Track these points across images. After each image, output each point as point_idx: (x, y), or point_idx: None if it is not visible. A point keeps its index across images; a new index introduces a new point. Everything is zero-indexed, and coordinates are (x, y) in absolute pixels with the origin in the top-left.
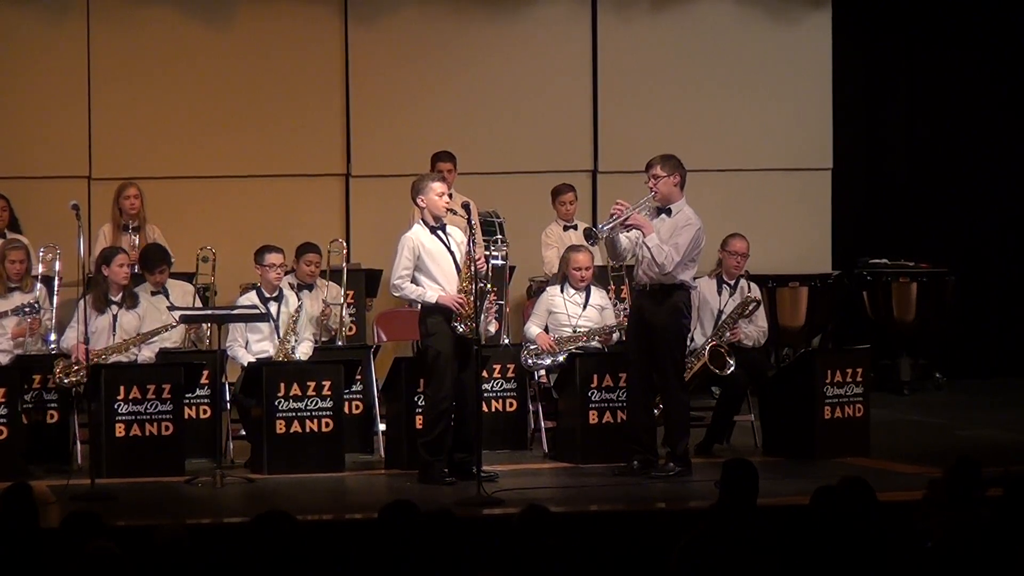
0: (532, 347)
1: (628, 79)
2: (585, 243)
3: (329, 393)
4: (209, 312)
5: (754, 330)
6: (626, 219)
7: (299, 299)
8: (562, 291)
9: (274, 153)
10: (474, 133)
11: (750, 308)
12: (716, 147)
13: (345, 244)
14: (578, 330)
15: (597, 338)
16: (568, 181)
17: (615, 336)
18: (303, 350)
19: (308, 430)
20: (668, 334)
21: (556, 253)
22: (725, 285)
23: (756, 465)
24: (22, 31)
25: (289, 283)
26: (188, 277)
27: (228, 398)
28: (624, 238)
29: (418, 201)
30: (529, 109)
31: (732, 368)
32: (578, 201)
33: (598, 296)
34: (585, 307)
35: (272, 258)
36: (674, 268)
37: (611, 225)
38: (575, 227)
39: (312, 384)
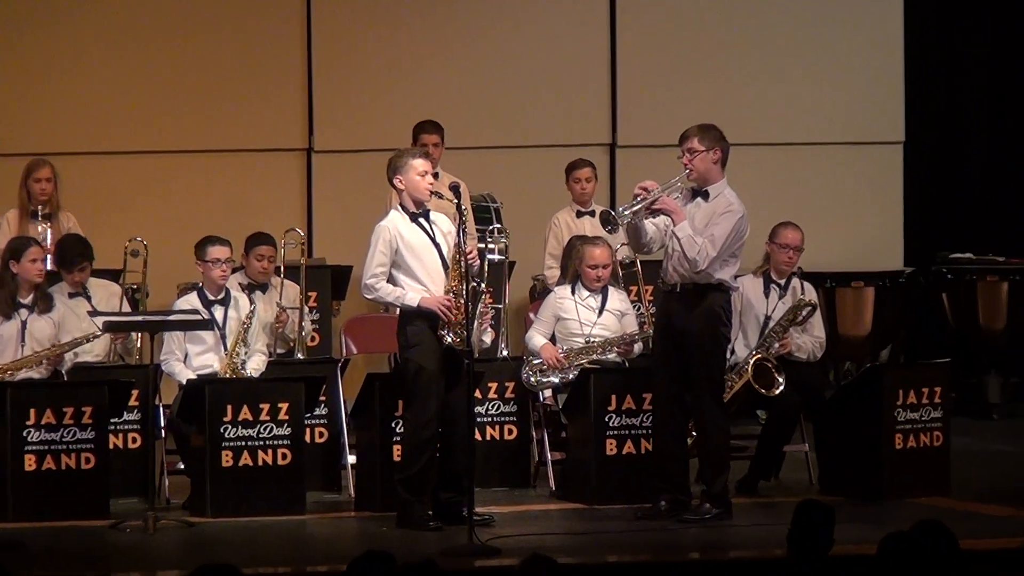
0: (536, 361)
1: (653, 36)
2: (601, 233)
3: (287, 418)
4: (140, 318)
5: (809, 340)
6: (653, 202)
7: (252, 301)
8: (573, 292)
9: (219, 123)
10: (466, 100)
11: (804, 313)
12: (760, 117)
13: (305, 235)
14: (592, 340)
15: (615, 349)
16: (582, 156)
17: (638, 347)
18: (254, 365)
19: (261, 463)
20: (703, 345)
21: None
22: (774, 285)
23: None
24: None
25: (238, 283)
26: (114, 275)
27: (163, 423)
28: (650, 225)
29: (396, 182)
30: (534, 71)
31: (782, 387)
32: (597, 180)
33: (617, 299)
34: (601, 312)
35: (216, 252)
36: (710, 264)
37: (634, 209)
38: (591, 213)
39: (266, 407)
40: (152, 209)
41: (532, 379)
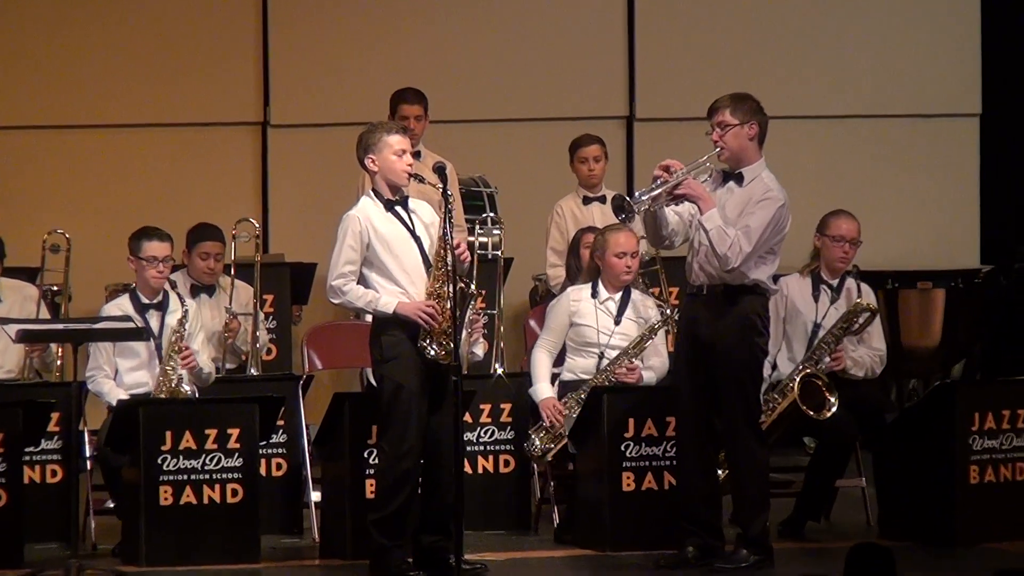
0: (542, 426)
1: None
2: (614, 223)
3: (238, 446)
4: (61, 327)
5: (866, 353)
6: (676, 186)
7: (184, 306)
8: (594, 294)
9: (158, 93)
10: (454, 64)
11: (861, 320)
12: (805, 84)
13: (260, 226)
14: (606, 355)
15: (618, 374)
16: (593, 131)
17: (648, 375)
18: (202, 361)
19: (207, 501)
20: (735, 359)
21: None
22: (824, 287)
23: None
24: None
25: (180, 283)
26: (30, 275)
27: (88, 453)
28: (671, 213)
29: (368, 163)
30: (536, 31)
31: (834, 409)
32: (608, 160)
33: (640, 304)
34: (619, 319)
35: (153, 248)
36: (744, 262)
37: (653, 194)
38: (601, 199)
39: (213, 432)
40: (76, 195)
41: (534, 449)
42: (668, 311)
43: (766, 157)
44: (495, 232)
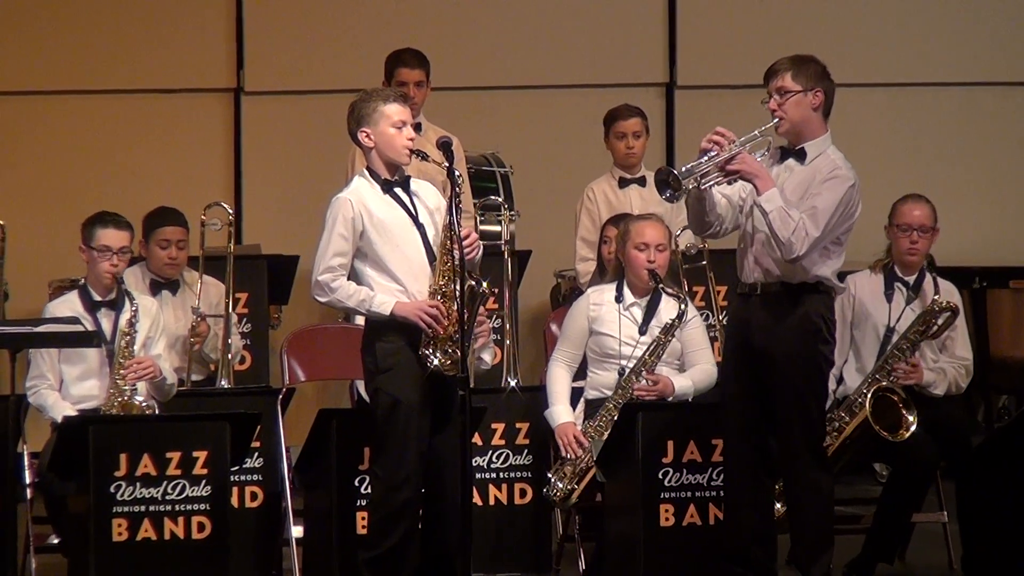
0: (565, 461)
1: None
2: (654, 209)
3: (205, 471)
4: None
5: (949, 364)
6: (729, 160)
7: (133, 303)
8: (619, 296)
9: (113, 53)
10: (463, 21)
11: (940, 322)
12: (874, 47)
13: (234, 211)
14: (627, 370)
15: (637, 389)
16: (629, 101)
17: (682, 384)
18: (165, 367)
19: (168, 536)
20: (795, 371)
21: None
22: (899, 285)
23: None
24: None
25: (120, 278)
26: None
27: (29, 480)
28: (719, 195)
29: (361, 137)
30: None
31: (912, 429)
32: (648, 135)
33: (671, 310)
34: (644, 328)
35: (108, 236)
36: (808, 252)
37: (703, 170)
38: (641, 181)
39: (176, 456)
40: (14, 174)
41: (556, 493)
42: (684, 305)
43: (830, 132)
44: (511, 219)
